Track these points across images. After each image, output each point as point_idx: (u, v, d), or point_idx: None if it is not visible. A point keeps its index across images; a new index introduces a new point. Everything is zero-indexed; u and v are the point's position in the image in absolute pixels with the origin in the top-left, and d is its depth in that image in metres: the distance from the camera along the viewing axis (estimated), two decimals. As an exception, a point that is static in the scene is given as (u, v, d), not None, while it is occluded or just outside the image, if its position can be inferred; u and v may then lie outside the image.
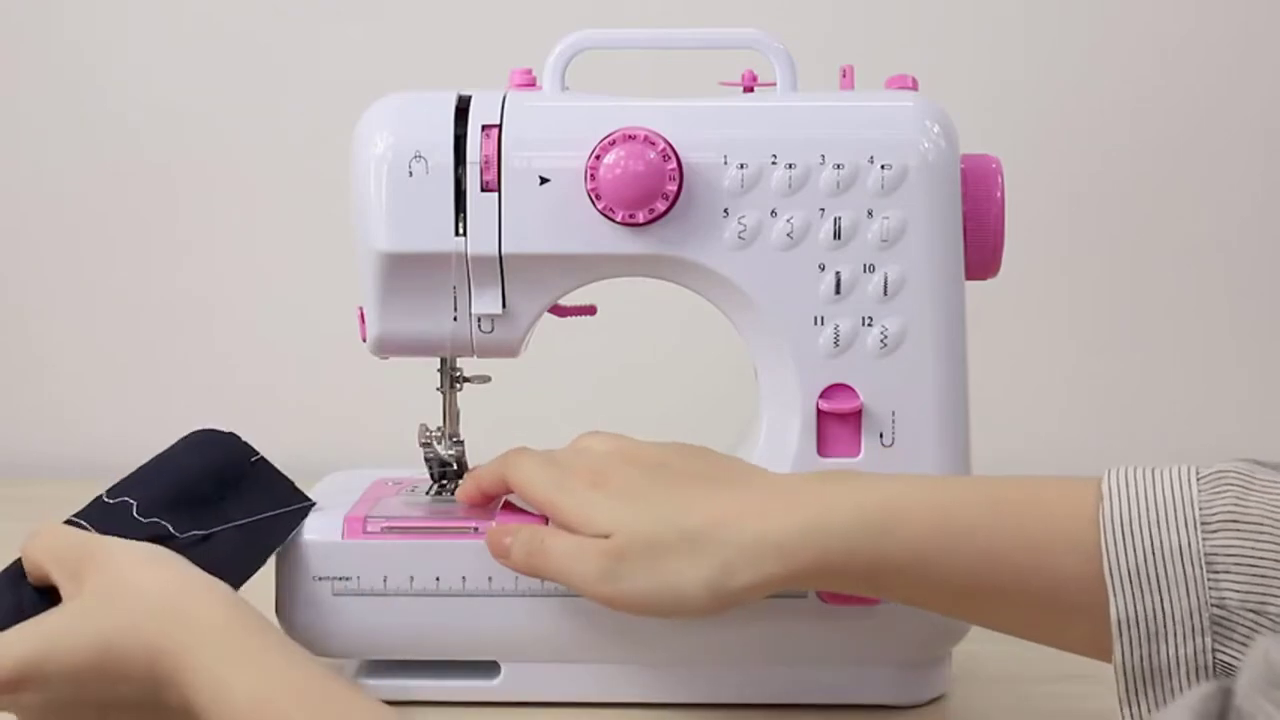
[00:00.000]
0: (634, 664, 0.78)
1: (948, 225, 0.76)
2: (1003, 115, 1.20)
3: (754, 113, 0.77)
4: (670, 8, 1.14)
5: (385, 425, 0.99)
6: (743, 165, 0.75)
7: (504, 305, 0.77)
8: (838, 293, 0.76)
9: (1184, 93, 1.21)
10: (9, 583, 0.69)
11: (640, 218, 0.74)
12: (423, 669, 0.78)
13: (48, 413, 1.28)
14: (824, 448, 0.77)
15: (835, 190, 0.75)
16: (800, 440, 0.76)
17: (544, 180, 0.75)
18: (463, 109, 0.76)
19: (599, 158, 0.74)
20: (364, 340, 0.79)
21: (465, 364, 0.81)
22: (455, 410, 0.82)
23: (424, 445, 0.81)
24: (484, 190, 0.75)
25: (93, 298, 1.27)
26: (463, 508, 0.78)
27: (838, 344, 0.76)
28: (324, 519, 0.77)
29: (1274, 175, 1.22)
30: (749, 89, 0.78)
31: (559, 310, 0.81)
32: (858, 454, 0.76)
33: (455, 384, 0.81)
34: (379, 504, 0.79)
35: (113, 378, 1.27)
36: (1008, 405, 1.18)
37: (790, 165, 0.75)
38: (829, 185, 0.75)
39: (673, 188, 0.74)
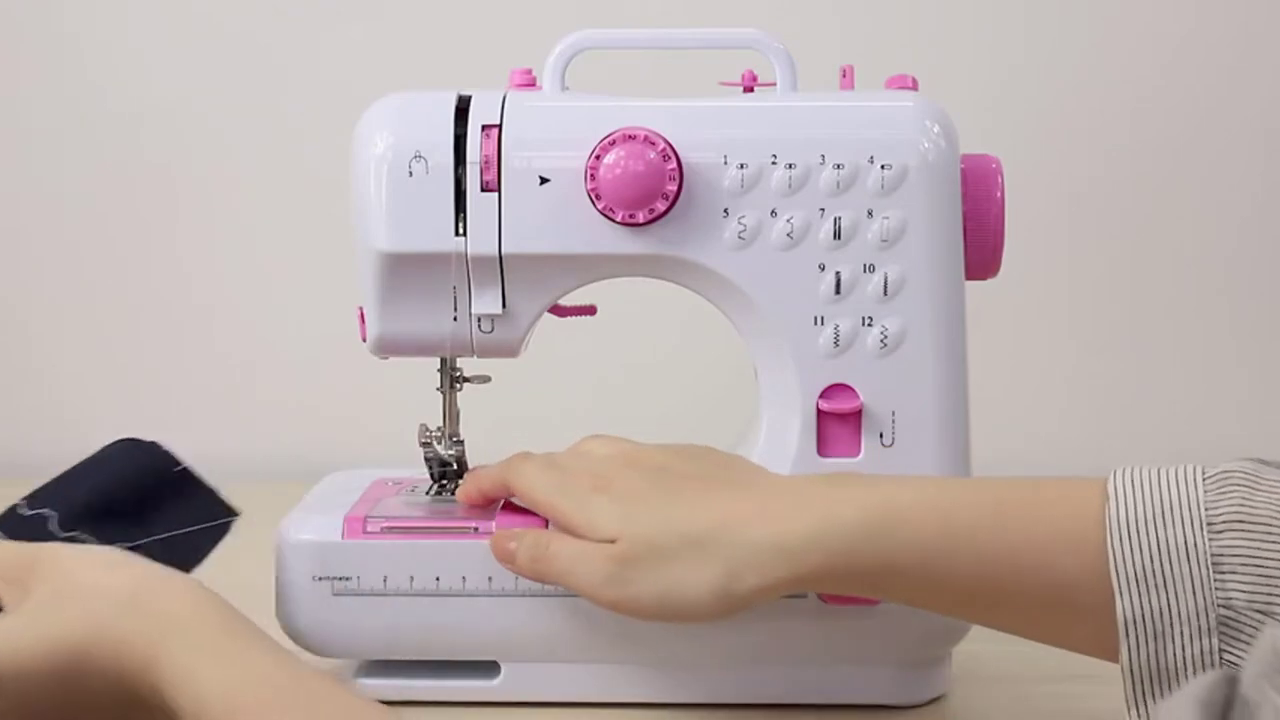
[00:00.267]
0: (634, 664, 0.78)
1: (948, 225, 0.76)
2: (1003, 115, 1.20)
3: (754, 113, 0.77)
4: (670, 8, 1.14)
5: (385, 425, 0.99)
6: (743, 165, 0.75)
7: (504, 305, 0.77)
8: (838, 293, 0.76)
9: (1184, 93, 1.21)
10: None
11: (640, 218, 0.74)
12: (423, 669, 0.78)
13: (48, 413, 1.28)
14: (824, 448, 0.77)
15: (835, 190, 0.75)
16: (800, 440, 0.76)
17: (544, 180, 0.75)
18: (463, 109, 0.76)
19: (599, 158, 0.74)
20: (364, 340, 0.79)
21: (465, 364, 0.81)
22: (455, 410, 0.82)
23: (424, 445, 0.81)
24: (484, 190, 0.75)
25: (92, 297, 1.26)
26: (463, 508, 0.78)
27: (838, 344, 0.76)
28: (324, 519, 0.77)
29: (1274, 175, 1.22)
30: (749, 89, 0.78)
31: (559, 310, 0.81)
32: (858, 454, 0.76)
33: (455, 384, 0.81)
34: (379, 504, 0.79)
35: (113, 378, 1.27)
36: (1008, 405, 1.18)
37: (790, 165, 0.75)
38: (829, 185, 0.75)
39: (673, 188, 0.74)
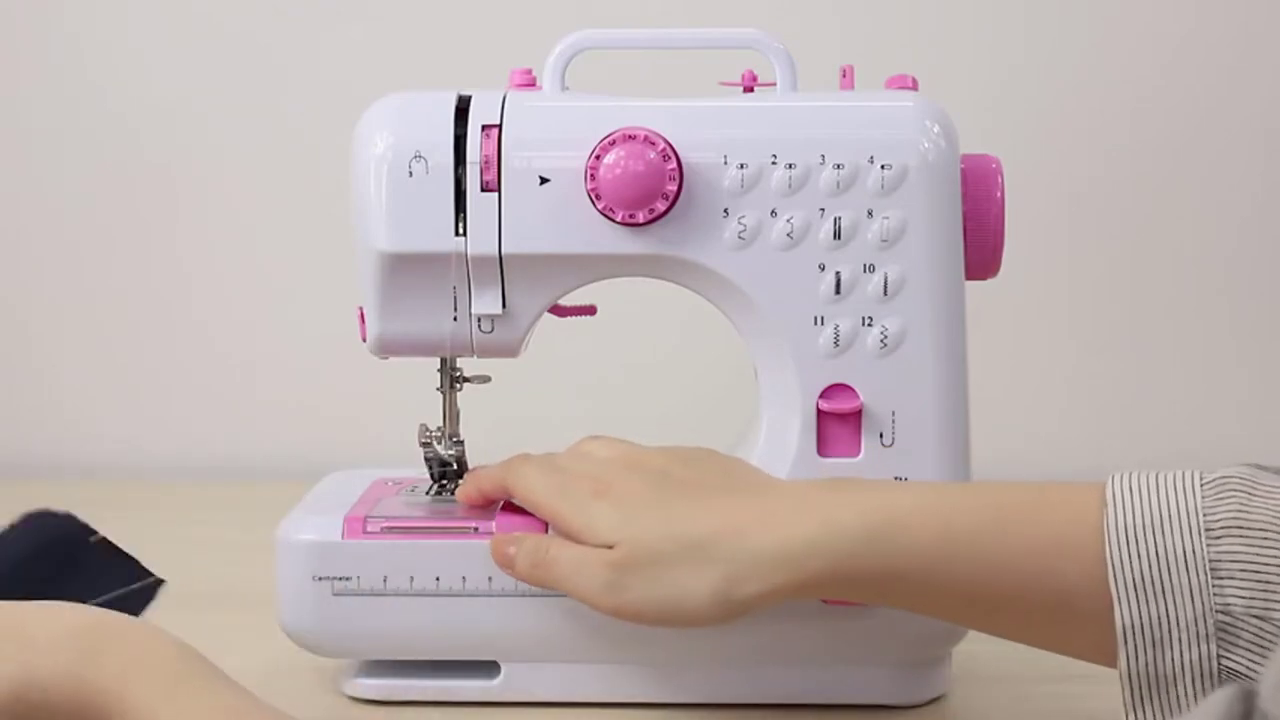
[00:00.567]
0: (634, 664, 0.78)
1: (948, 225, 0.76)
2: (1003, 115, 1.20)
3: (754, 113, 0.77)
4: (670, 8, 1.14)
5: (385, 425, 0.99)
6: (743, 165, 0.75)
7: (504, 305, 0.77)
8: (838, 293, 0.76)
9: (1184, 93, 1.21)
10: None
11: (640, 218, 0.74)
12: (423, 669, 0.78)
13: (48, 413, 1.28)
14: (824, 448, 0.77)
15: (835, 190, 0.75)
16: (800, 440, 0.76)
17: (544, 180, 0.75)
18: (463, 109, 0.76)
19: (599, 158, 0.74)
20: (364, 340, 0.79)
21: (465, 364, 0.81)
22: (455, 410, 0.82)
23: (424, 445, 0.81)
24: (484, 190, 0.75)
25: (92, 297, 1.26)
26: (463, 508, 0.78)
27: (838, 344, 0.76)
28: (324, 519, 0.77)
29: (1274, 175, 1.22)
30: (749, 89, 0.78)
31: (559, 310, 0.80)
32: (858, 454, 0.76)
33: (455, 384, 0.81)
34: (379, 504, 0.79)
35: (113, 378, 1.27)
36: (1008, 405, 1.18)
37: (790, 165, 0.75)
38: (829, 185, 0.75)
39: (673, 188, 0.74)
